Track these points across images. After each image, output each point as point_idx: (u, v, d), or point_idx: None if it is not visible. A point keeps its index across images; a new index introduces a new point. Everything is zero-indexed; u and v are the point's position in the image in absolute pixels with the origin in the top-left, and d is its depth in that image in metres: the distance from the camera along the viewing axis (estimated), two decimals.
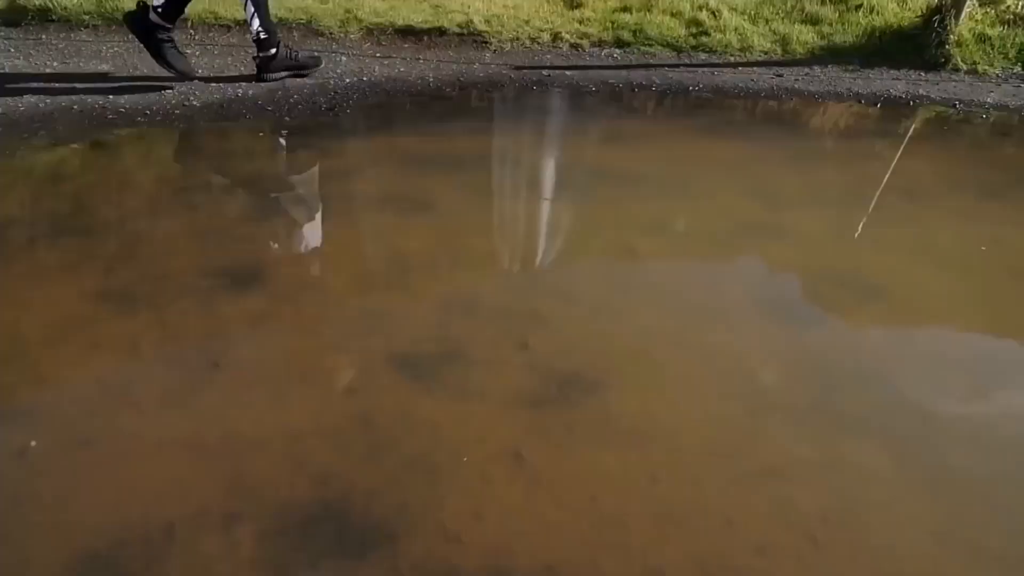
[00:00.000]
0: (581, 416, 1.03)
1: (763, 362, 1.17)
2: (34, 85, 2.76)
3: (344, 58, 3.05)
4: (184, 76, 2.65)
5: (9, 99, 2.56)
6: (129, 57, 3.07)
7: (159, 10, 2.51)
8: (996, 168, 2.19)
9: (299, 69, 2.76)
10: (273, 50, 2.67)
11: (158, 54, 2.58)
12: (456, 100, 2.63)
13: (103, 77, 2.86)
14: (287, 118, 2.40)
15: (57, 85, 2.73)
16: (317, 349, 1.18)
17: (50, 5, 3.46)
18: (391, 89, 2.70)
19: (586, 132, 2.37)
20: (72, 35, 3.35)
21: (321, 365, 1.14)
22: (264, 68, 2.71)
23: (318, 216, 1.68)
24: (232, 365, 1.13)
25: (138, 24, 2.56)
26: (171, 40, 2.59)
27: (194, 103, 2.54)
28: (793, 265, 1.53)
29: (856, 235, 1.68)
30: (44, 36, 3.35)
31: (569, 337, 1.22)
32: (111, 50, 3.16)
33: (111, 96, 2.61)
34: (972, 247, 1.63)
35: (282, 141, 2.19)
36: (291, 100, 2.57)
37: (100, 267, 1.45)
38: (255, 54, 2.70)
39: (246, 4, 2.59)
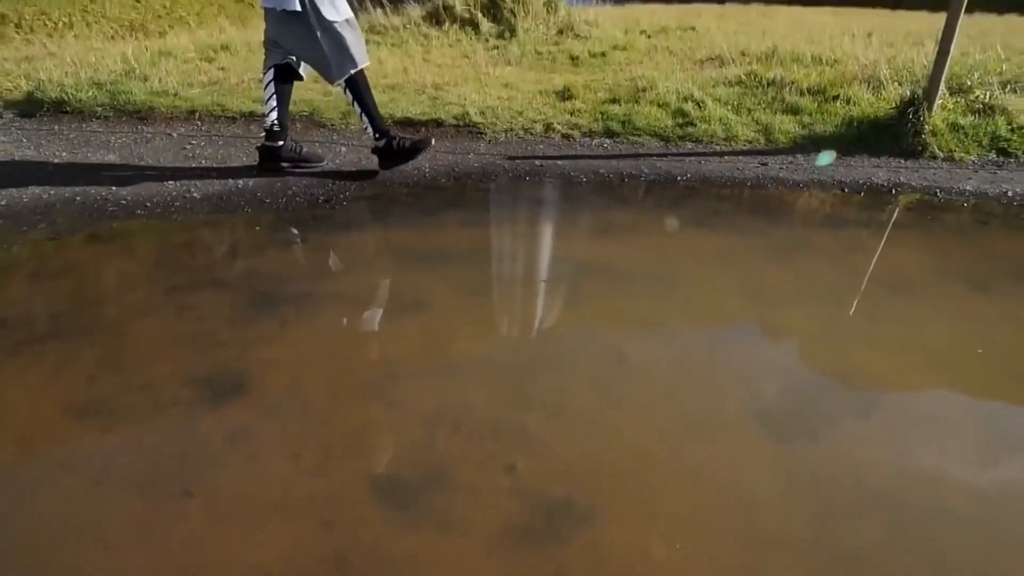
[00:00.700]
0: (570, 554, 0.97)
1: (759, 487, 1.13)
2: (41, 175, 2.84)
3: (344, 148, 3.17)
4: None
5: (14, 190, 2.62)
6: (136, 147, 3.18)
7: (381, 139, 2.74)
8: (981, 259, 2.22)
9: (302, 163, 2.85)
10: (280, 142, 2.78)
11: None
12: (451, 191, 2.70)
13: (109, 167, 2.95)
14: (284, 211, 2.45)
15: (63, 176, 2.81)
16: (294, 473, 1.14)
17: (65, 98, 3.63)
18: (387, 180, 2.78)
19: (577, 224, 2.42)
20: (84, 125, 3.49)
21: (298, 493, 1.09)
22: (266, 158, 2.80)
23: (307, 319, 1.68)
24: (205, 493, 1.08)
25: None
26: (398, 136, 2.80)
27: (194, 194, 2.61)
28: (787, 371, 1.51)
29: (848, 336, 1.67)
30: (57, 127, 3.49)
31: (559, 457, 1.18)
32: (119, 140, 3.28)
33: (114, 187, 2.68)
34: (967, 348, 1.62)
35: (277, 236, 2.23)
36: (290, 192, 2.63)
37: (82, 376, 1.42)
38: (261, 143, 2.80)
39: (267, 97, 2.71)
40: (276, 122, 2.72)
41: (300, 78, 2.77)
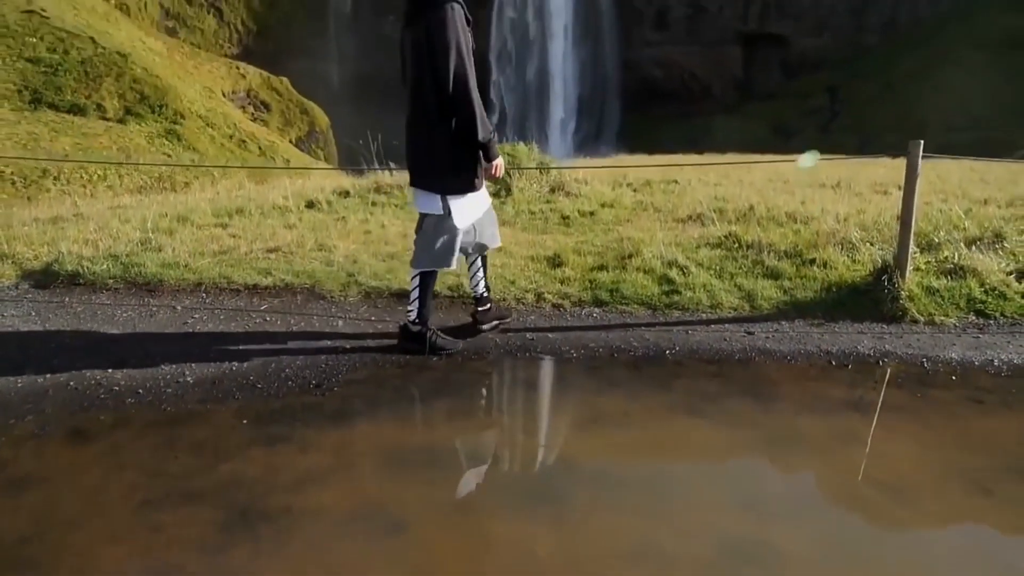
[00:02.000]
0: None
1: None
2: (42, 354, 2.89)
3: (341, 322, 3.27)
4: (456, 348, 2.90)
5: (10, 376, 2.66)
6: (140, 322, 3.28)
7: (415, 321, 2.84)
8: (978, 451, 2.18)
9: (437, 351, 2.85)
10: (420, 329, 2.84)
11: (434, 350, 2.84)
12: (442, 370, 2.73)
13: (110, 344, 3.01)
14: (275, 399, 2.46)
15: (63, 355, 2.87)
16: None
17: (81, 271, 3.82)
18: (380, 360, 2.83)
19: (567, 414, 2.41)
20: (94, 298, 3.63)
21: None
22: (408, 338, 2.85)
23: (282, 544, 1.60)
24: None
25: (412, 344, 2.85)
26: (435, 332, 2.90)
27: (188, 378, 2.63)
28: None
29: (849, 559, 1.58)
30: (67, 299, 3.63)
31: None
32: (124, 314, 3.39)
33: (110, 370, 2.72)
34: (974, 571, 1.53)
35: (263, 432, 2.21)
36: (283, 375, 2.67)
37: None
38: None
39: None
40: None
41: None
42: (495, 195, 6.97)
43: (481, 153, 2.64)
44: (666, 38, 40.32)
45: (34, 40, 21.19)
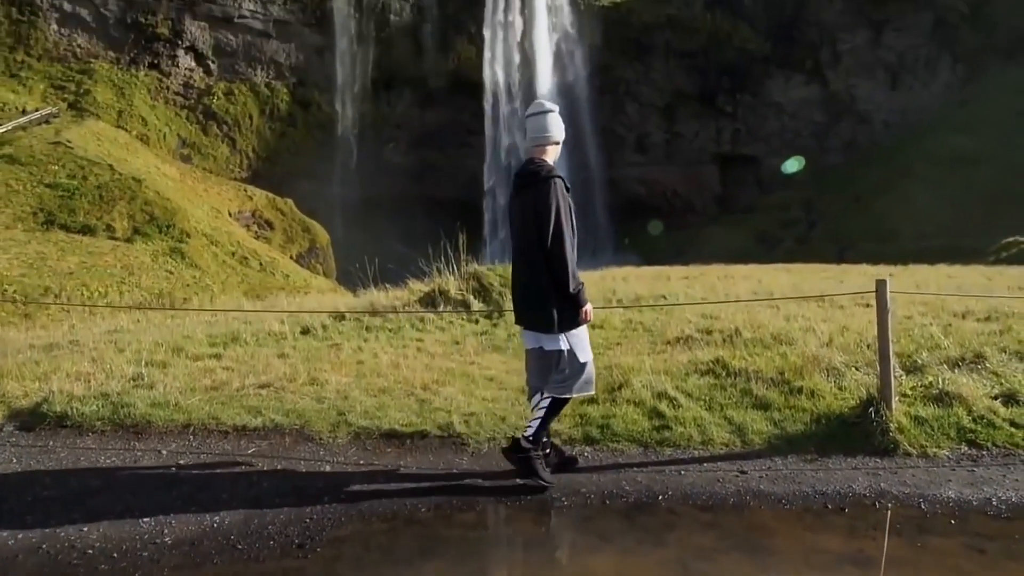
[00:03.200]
0: None
1: None
2: (17, 509, 2.81)
3: (328, 467, 3.22)
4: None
5: None
6: (123, 470, 3.22)
7: (529, 438, 2.95)
8: None
9: (532, 476, 2.93)
10: (530, 449, 2.94)
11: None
12: (430, 525, 2.66)
13: (89, 496, 2.93)
14: (255, 563, 2.36)
15: (38, 511, 2.78)
16: None
17: (70, 412, 3.81)
18: (367, 512, 2.76)
19: None
20: (79, 441, 3.59)
21: None
22: (516, 451, 2.96)
23: None
24: None
25: (515, 457, 2.97)
26: (540, 456, 3.00)
27: (167, 539, 2.54)
28: None
29: None
30: (52, 443, 3.58)
31: None
32: (109, 460, 3.33)
33: (85, 528, 2.63)
34: None
35: None
36: (265, 532, 2.58)
37: None
38: (513, 445, 2.99)
39: (539, 408, 3.00)
40: (532, 437, 2.96)
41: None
42: (487, 317, 7.15)
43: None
44: (647, 160, 43.68)
45: (56, 167, 22.65)
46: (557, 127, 3.07)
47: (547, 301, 2.92)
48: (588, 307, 3.02)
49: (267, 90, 38.22)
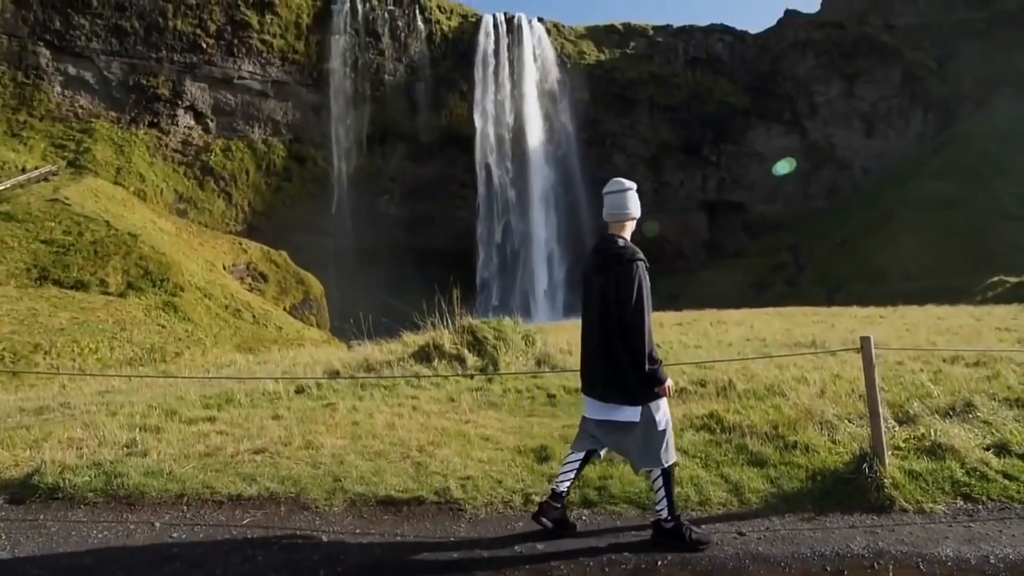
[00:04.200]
0: None
1: None
2: None
3: (325, 537, 3.18)
4: (708, 540, 3.06)
5: None
6: (114, 545, 3.16)
7: (668, 519, 3.05)
8: None
9: (696, 546, 2.99)
10: (674, 524, 3.03)
11: (693, 547, 3.00)
12: None
13: (81, 575, 2.87)
14: None
15: None
16: None
17: (61, 484, 3.75)
18: None
19: None
20: (70, 514, 3.52)
21: None
22: (664, 535, 3.04)
23: None
24: None
25: (669, 540, 3.03)
26: (688, 526, 3.08)
27: None
28: None
29: None
30: (42, 516, 3.52)
31: None
32: (100, 535, 3.27)
33: None
34: None
35: None
36: None
37: None
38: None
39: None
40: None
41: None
42: (482, 371, 7.16)
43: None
44: None
45: (52, 224, 22.82)
46: (634, 204, 3.21)
47: (626, 376, 3.00)
48: (668, 384, 3.08)
49: (264, 146, 39.19)
